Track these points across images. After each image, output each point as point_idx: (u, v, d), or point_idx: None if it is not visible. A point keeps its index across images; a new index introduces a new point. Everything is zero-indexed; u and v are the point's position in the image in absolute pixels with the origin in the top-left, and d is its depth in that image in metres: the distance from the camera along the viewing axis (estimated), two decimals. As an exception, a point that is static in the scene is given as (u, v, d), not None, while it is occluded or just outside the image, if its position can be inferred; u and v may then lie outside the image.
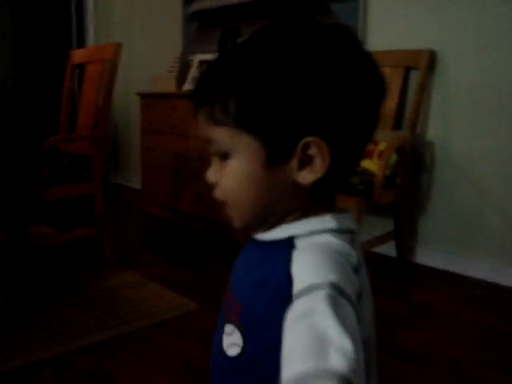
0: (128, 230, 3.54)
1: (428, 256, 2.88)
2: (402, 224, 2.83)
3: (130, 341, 1.99)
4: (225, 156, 0.61)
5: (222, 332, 0.66)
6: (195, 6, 4.11)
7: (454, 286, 2.63)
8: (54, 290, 2.45)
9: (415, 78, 2.83)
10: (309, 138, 0.58)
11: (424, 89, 2.78)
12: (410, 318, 2.26)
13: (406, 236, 2.87)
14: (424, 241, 2.92)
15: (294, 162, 0.60)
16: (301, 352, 0.52)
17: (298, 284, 0.55)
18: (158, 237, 3.46)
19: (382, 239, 2.83)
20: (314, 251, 0.58)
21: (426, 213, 2.91)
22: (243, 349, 0.62)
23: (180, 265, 2.86)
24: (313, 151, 0.59)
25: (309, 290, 0.54)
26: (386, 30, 3.00)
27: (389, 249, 2.92)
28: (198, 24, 4.12)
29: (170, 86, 3.76)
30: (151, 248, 3.20)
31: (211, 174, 0.64)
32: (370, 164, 2.61)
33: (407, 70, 2.88)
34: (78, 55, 3.12)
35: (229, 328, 0.65)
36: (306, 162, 0.59)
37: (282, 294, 0.56)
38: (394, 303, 2.39)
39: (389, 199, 2.65)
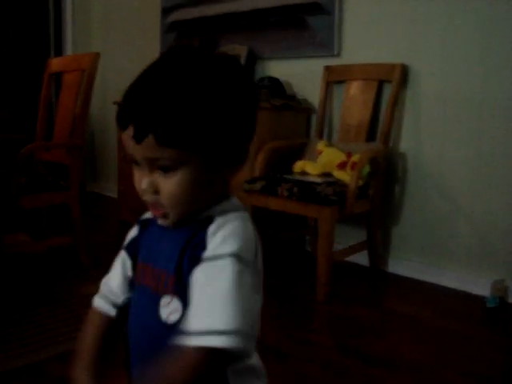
0: (104, 237, 3.55)
1: (400, 265, 2.94)
2: (375, 234, 2.88)
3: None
4: (168, 169, 0.73)
5: (153, 307, 0.78)
6: (173, 17, 4.15)
7: (425, 294, 2.69)
8: (29, 297, 2.45)
9: (388, 90, 2.89)
10: (238, 146, 0.78)
11: (396, 101, 2.85)
12: (382, 325, 2.30)
13: (378, 246, 2.93)
14: (396, 250, 2.98)
15: (226, 165, 0.78)
16: (206, 310, 0.69)
17: (209, 249, 0.72)
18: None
19: (355, 249, 2.88)
20: (229, 225, 0.74)
21: (398, 223, 2.97)
22: (183, 311, 0.74)
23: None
24: (239, 154, 0.79)
25: (216, 256, 0.71)
26: (359, 44, 3.07)
27: (362, 258, 2.97)
28: (176, 34, 4.15)
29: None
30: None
31: (149, 184, 0.76)
32: (343, 175, 2.67)
33: (380, 83, 2.95)
34: (55, 64, 3.13)
35: (165, 300, 0.77)
36: (233, 162, 0.79)
37: (198, 258, 0.72)
38: (366, 311, 2.44)
39: (362, 209, 2.70)
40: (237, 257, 0.71)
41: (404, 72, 2.85)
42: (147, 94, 0.72)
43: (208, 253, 0.72)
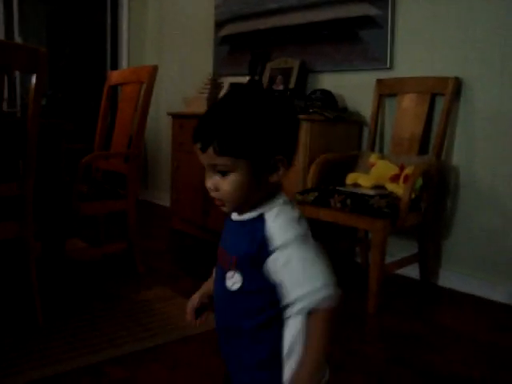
0: (157, 245, 3.64)
1: (451, 279, 2.92)
2: (426, 247, 2.88)
3: (161, 353, 2.07)
4: (225, 173, 0.98)
5: (223, 279, 1.04)
6: (226, 30, 4.24)
7: (476, 309, 2.67)
8: (88, 301, 2.54)
9: (441, 103, 2.89)
10: (278, 157, 0.98)
11: (449, 115, 2.84)
12: (433, 339, 2.29)
13: (429, 259, 2.92)
14: (447, 264, 2.96)
15: (268, 171, 0.99)
16: (297, 282, 0.95)
17: (277, 240, 0.95)
18: (185, 253, 3.55)
19: (406, 261, 2.88)
20: (278, 218, 0.98)
21: (449, 236, 2.95)
22: (242, 283, 1.01)
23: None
24: (279, 164, 0.99)
25: (285, 244, 0.95)
26: (412, 56, 3.07)
27: (412, 271, 2.97)
28: (229, 47, 4.24)
29: (201, 107, 3.87)
30: (179, 264, 3.29)
31: (212, 184, 1.00)
32: (395, 187, 2.68)
33: (433, 97, 2.95)
34: (115, 76, 3.25)
35: (230, 274, 1.03)
36: (274, 170, 0.99)
37: (264, 249, 0.96)
38: (417, 325, 2.43)
39: (414, 222, 2.70)
40: (299, 237, 0.97)
41: (457, 85, 2.84)
42: (209, 119, 1.00)
43: (277, 242, 0.95)
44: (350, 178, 2.89)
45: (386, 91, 3.15)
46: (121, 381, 1.87)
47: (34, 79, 2.12)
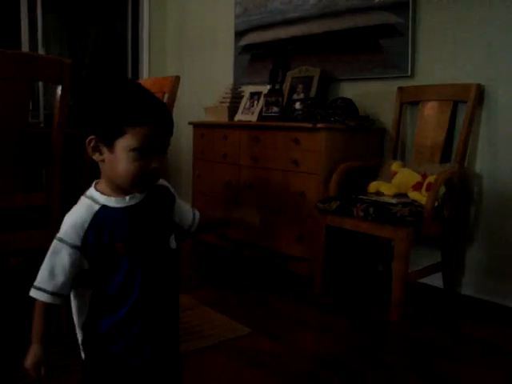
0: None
1: (474, 288, 2.89)
2: (450, 255, 2.86)
3: (186, 361, 2.07)
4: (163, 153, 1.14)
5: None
6: (247, 39, 4.26)
7: (500, 318, 2.64)
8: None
9: (463, 111, 2.88)
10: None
11: (472, 122, 2.83)
12: (456, 349, 2.27)
13: (453, 267, 2.90)
14: (471, 272, 2.94)
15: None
16: None
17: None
18: (207, 262, 3.57)
19: (429, 270, 2.85)
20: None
21: (473, 244, 2.93)
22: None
23: (228, 290, 2.95)
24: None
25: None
26: (433, 64, 3.06)
27: (436, 280, 2.95)
28: (250, 56, 4.26)
29: (222, 116, 3.90)
30: (201, 272, 3.31)
31: (158, 163, 1.09)
32: (418, 196, 2.67)
33: (455, 104, 2.94)
34: (137, 87, 3.27)
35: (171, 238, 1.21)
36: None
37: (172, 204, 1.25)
38: (440, 334, 2.42)
39: (437, 230, 2.69)
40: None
41: (480, 92, 2.83)
42: (166, 109, 1.17)
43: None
44: (372, 187, 2.88)
45: (408, 99, 3.15)
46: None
47: (59, 90, 2.16)
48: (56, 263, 1.09)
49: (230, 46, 4.44)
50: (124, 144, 1.06)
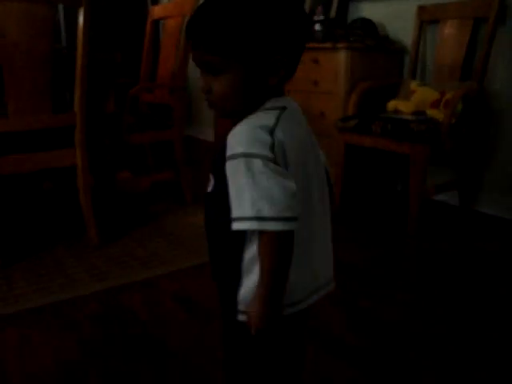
0: (203, 176, 3.75)
1: (491, 205, 2.96)
2: (466, 173, 2.91)
3: (208, 269, 2.20)
4: (216, 72, 0.90)
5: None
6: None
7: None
8: (139, 226, 2.70)
9: (484, 29, 2.85)
10: (277, 57, 0.89)
11: (493, 39, 2.79)
12: (470, 262, 2.35)
13: (469, 184, 2.95)
14: (488, 190, 2.99)
15: (266, 73, 0.90)
16: (232, 202, 0.87)
17: (228, 150, 0.87)
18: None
19: (445, 187, 2.91)
20: (239, 127, 0.89)
21: (490, 162, 2.96)
22: (214, 185, 0.97)
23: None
24: (278, 64, 0.90)
25: (231, 157, 0.86)
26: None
27: (452, 198, 3.01)
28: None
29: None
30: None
31: (205, 84, 0.94)
32: (436, 113, 2.70)
33: (476, 22, 2.90)
34: (157, 11, 3.30)
35: (211, 177, 0.98)
36: (273, 72, 0.90)
37: (223, 153, 0.88)
38: (455, 250, 2.49)
39: (454, 147, 2.73)
40: (246, 156, 0.85)
41: (502, 8, 2.79)
42: (199, 14, 0.90)
43: (228, 152, 0.87)
44: (391, 105, 2.91)
45: (428, 18, 3.12)
46: (173, 292, 2.03)
47: (81, 13, 2.21)
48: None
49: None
50: None
